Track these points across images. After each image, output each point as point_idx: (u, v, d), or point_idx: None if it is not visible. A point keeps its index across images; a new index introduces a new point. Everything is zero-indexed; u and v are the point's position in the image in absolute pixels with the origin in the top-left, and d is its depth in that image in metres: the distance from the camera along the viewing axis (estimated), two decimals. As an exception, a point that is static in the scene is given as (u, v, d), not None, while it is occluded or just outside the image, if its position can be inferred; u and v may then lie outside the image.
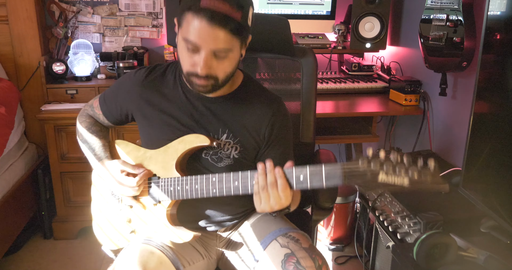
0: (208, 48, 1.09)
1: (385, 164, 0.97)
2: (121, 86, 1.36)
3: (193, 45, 1.09)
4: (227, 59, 1.13)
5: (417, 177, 0.94)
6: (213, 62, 1.12)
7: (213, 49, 1.09)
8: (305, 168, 1.06)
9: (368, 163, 0.98)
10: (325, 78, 2.53)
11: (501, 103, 1.35)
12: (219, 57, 1.12)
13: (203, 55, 1.10)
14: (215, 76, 1.15)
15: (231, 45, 1.11)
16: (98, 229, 1.39)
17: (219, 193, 1.16)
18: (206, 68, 1.11)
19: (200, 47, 1.09)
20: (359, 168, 0.99)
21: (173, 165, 1.23)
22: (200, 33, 1.07)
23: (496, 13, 1.36)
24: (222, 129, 1.26)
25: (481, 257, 1.28)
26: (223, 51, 1.10)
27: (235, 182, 1.13)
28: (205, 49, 1.09)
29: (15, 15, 2.35)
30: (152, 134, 1.31)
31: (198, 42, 1.08)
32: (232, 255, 1.35)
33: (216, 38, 1.08)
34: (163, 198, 1.23)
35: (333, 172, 1.02)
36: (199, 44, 1.09)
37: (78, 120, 1.43)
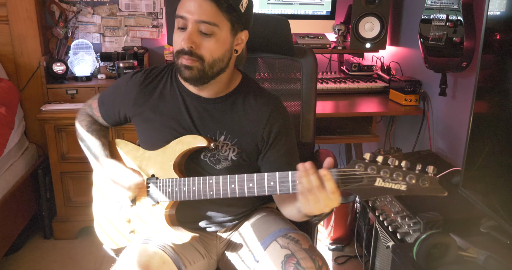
0: (193, 19, 1.11)
1: (382, 169, 0.95)
2: (118, 89, 1.36)
3: (182, 20, 1.12)
4: (213, 38, 1.13)
5: (415, 183, 0.93)
6: (198, 38, 1.13)
7: (198, 20, 1.11)
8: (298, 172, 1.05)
9: (365, 168, 0.96)
10: (325, 78, 2.53)
11: (501, 103, 1.35)
12: (204, 33, 1.13)
13: (188, 29, 1.12)
14: (201, 56, 1.14)
15: (216, 20, 1.12)
16: (99, 228, 1.39)
17: (216, 195, 1.16)
18: (189, 40, 1.12)
19: (187, 20, 1.12)
20: (356, 173, 0.97)
21: (171, 166, 1.23)
22: (188, 4, 1.11)
23: (496, 13, 1.36)
24: (220, 131, 1.26)
25: (481, 257, 1.28)
26: (208, 24, 1.11)
27: (231, 184, 1.13)
28: (190, 22, 1.12)
29: (15, 15, 2.35)
30: (150, 136, 1.31)
31: (185, 13, 1.12)
32: (232, 256, 1.35)
33: (201, 9, 1.10)
34: (162, 199, 1.23)
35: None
36: (185, 16, 1.12)
37: (77, 120, 1.43)
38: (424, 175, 0.93)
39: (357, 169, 0.97)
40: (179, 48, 1.15)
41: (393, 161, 0.95)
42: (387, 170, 0.94)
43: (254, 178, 1.11)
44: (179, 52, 1.15)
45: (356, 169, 0.97)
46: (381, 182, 0.95)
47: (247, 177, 1.12)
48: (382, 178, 0.95)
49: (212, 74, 1.18)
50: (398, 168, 0.95)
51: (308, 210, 1.04)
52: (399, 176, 0.94)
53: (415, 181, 0.93)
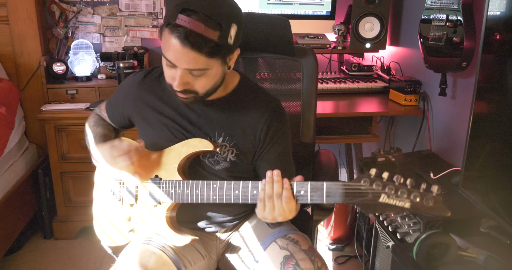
0: (182, 67, 1.09)
1: (388, 185, 0.96)
2: (121, 90, 1.38)
3: (169, 61, 1.10)
4: (204, 77, 1.12)
5: (419, 202, 0.94)
6: (189, 79, 1.12)
7: (187, 69, 1.09)
8: (306, 183, 1.06)
9: (371, 184, 0.98)
10: (325, 78, 2.53)
11: (501, 103, 1.36)
12: (195, 75, 1.11)
13: (178, 72, 1.10)
14: (195, 91, 1.15)
15: (206, 65, 1.09)
16: (98, 226, 1.40)
17: (219, 200, 1.16)
18: (181, 85, 1.12)
19: (175, 65, 1.09)
20: (361, 187, 0.99)
21: (175, 167, 1.23)
22: (174, 52, 1.07)
23: (495, 13, 1.36)
24: (218, 132, 1.26)
25: (480, 257, 1.28)
26: (198, 70, 1.10)
27: (235, 191, 1.14)
28: (179, 68, 1.09)
29: (15, 15, 2.35)
30: (150, 135, 1.31)
31: (174, 60, 1.08)
32: (232, 256, 1.35)
33: (189, 59, 1.07)
34: (164, 200, 1.23)
35: (334, 190, 1.02)
36: (173, 62, 1.09)
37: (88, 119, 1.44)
38: (428, 194, 0.95)
39: (362, 184, 0.99)
40: (171, 84, 1.14)
41: (398, 178, 0.97)
42: (392, 187, 0.96)
43: (258, 185, 1.12)
44: (171, 87, 1.15)
45: (362, 184, 0.99)
46: (386, 199, 0.97)
47: (251, 184, 1.13)
48: (387, 194, 0.97)
49: (208, 96, 1.20)
50: (403, 185, 0.96)
51: (262, 216, 1.11)
52: (404, 194, 0.95)
53: (419, 199, 0.95)
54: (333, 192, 1.02)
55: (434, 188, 0.95)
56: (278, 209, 1.07)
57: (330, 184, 1.03)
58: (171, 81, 1.13)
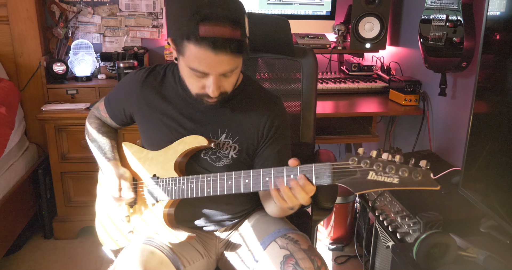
0: (216, 73, 1.10)
1: (375, 162, 0.95)
2: (122, 88, 1.37)
3: (201, 72, 1.11)
4: (234, 75, 1.15)
5: (408, 176, 0.93)
6: (222, 82, 1.14)
7: (222, 73, 1.11)
8: (296, 168, 1.06)
9: (358, 162, 0.97)
10: (325, 78, 2.54)
11: (501, 103, 1.36)
12: (227, 76, 1.14)
13: (212, 79, 1.12)
14: (225, 92, 1.17)
15: (236, 64, 1.12)
16: (100, 227, 1.40)
17: (213, 192, 1.17)
18: (217, 90, 1.13)
19: (209, 74, 1.11)
20: (349, 166, 0.98)
21: (172, 165, 1.24)
22: (207, 61, 1.08)
23: (495, 13, 1.36)
24: (221, 129, 1.27)
25: (480, 257, 1.29)
26: (231, 71, 1.12)
27: (228, 181, 1.14)
28: (213, 75, 1.11)
29: (15, 15, 2.35)
30: (152, 135, 1.32)
31: (206, 70, 1.10)
32: (232, 255, 1.36)
33: (223, 63, 1.09)
34: (161, 198, 1.24)
35: (323, 171, 1.01)
36: (207, 71, 1.10)
37: (87, 121, 1.45)
38: (416, 169, 0.93)
39: (350, 162, 0.98)
40: (203, 92, 1.16)
41: (387, 155, 0.96)
42: (380, 164, 0.95)
43: (250, 174, 1.13)
44: (203, 95, 1.16)
45: (349, 163, 0.98)
46: (374, 176, 0.96)
47: (243, 173, 1.13)
48: (375, 171, 0.96)
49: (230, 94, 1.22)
50: (391, 162, 0.95)
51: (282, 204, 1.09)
52: (391, 170, 0.94)
53: (407, 174, 0.93)
54: (322, 173, 1.01)
55: (422, 162, 0.94)
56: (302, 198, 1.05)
57: (318, 166, 1.03)
58: (201, 90, 1.15)
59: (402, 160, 0.95)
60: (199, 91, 1.16)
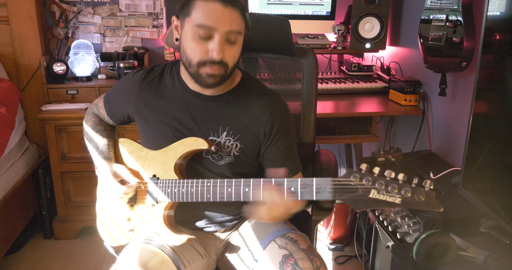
0: (223, 30, 1.11)
1: (378, 180, 0.94)
2: (120, 88, 1.37)
3: (207, 29, 1.11)
4: (236, 45, 1.16)
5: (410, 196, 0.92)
6: (225, 48, 1.14)
7: (228, 31, 1.11)
8: (296, 180, 1.06)
9: (360, 179, 0.96)
10: (325, 78, 2.54)
11: (501, 103, 1.36)
12: (230, 42, 1.14)
13: (217, 39, 1.12)
14: (226, 63, 1.16)
15: (242, 27, 1.14)
16: (101, 225, 1.40)
17: (213, 198, 1.17)
18: (221, 52, 1.13)
19: (216, 30, 1.11)
20: (351, 183, 0.97)
21: (172, 167, 1.24)
22: (216, 15, 1.10)
23: (495, 13, 1.36)
24: (222, 127, 1.27)
25: (480, 257, 1.29)
26: (236, 33, 1.13)
27: (228, 188, 1.15)
28: (220, 32, 1.11)
29: (16, 15, 2.35)
30: (152, 135, 1.31)
31: (214, 24, 1.10)
32: (231, 255, 1.36)
33: (231, 19, 1.11)
34: (161, 199, 1.24)
35: (324, 186, 1.02)
36: (215, 26, 1.10)
37: (84, 119, 1.46)
38: (419, 189, 0.92)
39: (352, 179, 0.97)
40: (205, 58, 1.14)
41: (390, 173, 0.95)
42: (382, 182, 0.94)
43: (250, 183, 1.13)
44: (205, 62, 1.15)
45: (351, 180, 0.97)
46: (376, 194, 0.95)
47: (243, 182, 1.14)
48: (377, 189, 0.95)
49: (229, 76, 1.21)
50: (394, 180, 0.94)
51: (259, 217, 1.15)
52: (394, 189, 0.93)
53: (410, 194, 0.92)
54: (323, 188, 1.01)
55: (426, 182, 0.93)
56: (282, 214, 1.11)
57: (319, 180, 1.03)
58: (204, 56, 1.14)
59: (405, 179, 0.94)
60: (201, 57, 1.14)
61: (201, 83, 1.20)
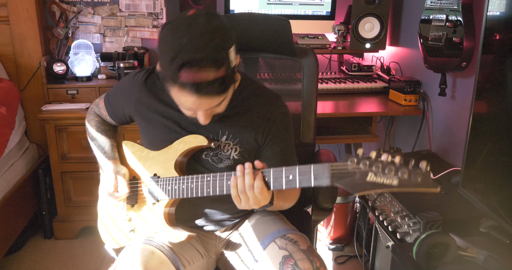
0: (203, 109, 1.11)
1: (375, 164, 0.94)
2: (121, 89, 1.38)
3: (188, 109, 1.12)
4: (224, 102, 1.13)
5: (407, 178, 0.91)
6: (213, 110, 1.14)
7: (208, 109, 1.11)
8: (294, 168, 1.05)
9: (357, 163, 0.96)
10: (325, 78, 2.54)
11: (501, 103, 1.36)
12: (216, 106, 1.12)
13: (200, 113, 1.12)
14: (217, 114, 1.18)
15: (224, 96, 1.10)
16: (102, 227, 1.41)
17: (213, 192, 1.17)
18: (208, 119, 1.15)
19: (197, 109, 1.11)
20: (348, 167, 0.97)
21: (172, 164, 1.24)
22: (191, 104, 1.08)
23: (495, 13, 1.36)
24: (222, 131, 1.27)
25: (480, 257, 1.29)
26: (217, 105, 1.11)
27: (227, 181, 1.14)
28: (201, 111, 1.12)
29: (16, 15, 2.36)
30: (152, 136, 1.32)
31: (192, 110, 1.11)
32: (231, 255, 1.36)
33: (209, 102, 1.08)
34: (162, 197, 1.25)
35: (321, 172, 1.01)
36: (195, 109, 1.11)
37: (86, 119, 1.46)
38: (416, 170, 0.92)
39: (349, 163, 0.97)
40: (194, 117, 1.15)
41: (387, 157, 0.95)
42: (379, 165, 0.94)
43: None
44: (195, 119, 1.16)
45: (348, 164, 0.97)
46: (373, 177, 0.94)
47: None
48: (374, 172, 0.94)
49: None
50: (390, 163, 0.94)
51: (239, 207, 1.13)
52: (391, 171, 0.93)
53: (407, 176, 0.92)
54: (320, 174, 1.01)
55: (422, 163, 0.92)
56: (253, 199, 1.09)
57: (317, 166, 1.02)
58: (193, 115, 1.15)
59: (401, 161, 0.94)
60: (191, 115, 1.16)
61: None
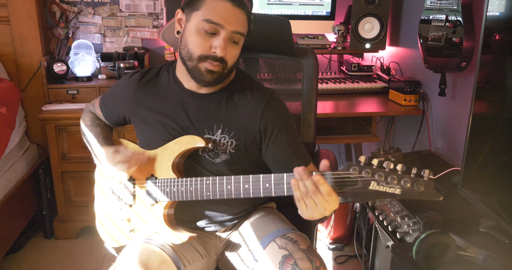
0: (230, 29, 1.14)
1: (377, 172, 0.94)
2: (117, 90, 1.39)
3: (214, 26, 1.14)
4: (238, 46, 1.20)
5: (410, 187, 0.92)
6: (228, 46, 1.17)
7: (234, 31, 1.15)
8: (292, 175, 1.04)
9: (360, 172, 0.95)
10: (325, 78, 2.54)
11: (500, 103, 1.36)
12: (234, 41, 1.17)
13: (222, 36, 1.15)
14: (226, 61, 1.18)
15: (245, 30, 1.19)
16: (101, 227, 1.41)
17: (213, 196, 1.17)
18: (225, 50, 1.15)
19: (222, 28, 1.14)
20: (350, 176, 0.97)
21: (170, 166, 1.24)
22: (225, 13, 1.13)
23: (495, 13, 1.36)
24: (217, 125, 1.27)
25: (480, 257, 1.29)
26: (240, 34, 1.17)
27: (227, 185, 1.15)
28: (226, 30, 1.14)
29: (16, 15, 2.36)
30: (149, 135, 1.32)
31: (222, 22, 1.13)
32: (231, 255, 1.36)
33: (238, 20, 1.15)
34: (160, 198, 1.24)
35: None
36: (223, 24, 1.13)
37: (82, 116, 1.46)
38: (419, 179, 0.92)
39: (351, 172, 0.97)
40: (207, 53, 1.16)
41: (388, 165, 0.94)
42: (381, 174, 0.94)
43: (250, 179, 1.13)
44: (206, 57, 1.16)
45: (351, 172, 0.97)
46: (376, 186, 0.95)
47: (243, 179, 1.13)
48: (376, 181, 0.95)
49: (227, 76, 1.23)
50: (393, 171, 0.94)
51: (308, 215, 1.04)
52: (393, 180, 0.93)
53: (410, 185, 0.92)
54: None
55: (425, 172, 0.92)
56: (321, 204, 1.00)
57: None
58: (207, 51, 1.16)
59: (404, 169, 0.93)
60: (204, 51, 1.16)
61: (198, 79, 1.20)
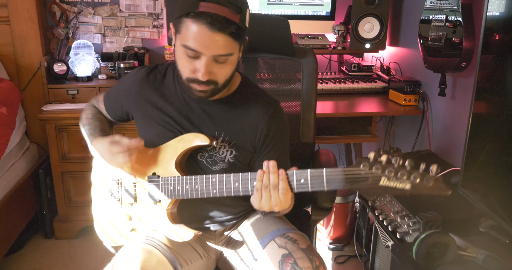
0: (209, 54, 1.08)
1: (387, 168, 0.96)
2: (123, 84, 1.38)
3: (193, 51, 1.09)
4: (227, 64, 1.13)
5: (419, 182, 0.94)
6: (214, 67, 1.11)
7: (214, 55, 1.09)
8: (306, 172, 1.06)
9: (370, 168, 0.97)
10: (325, 78, 2.54)
11: (500, 103, 1.36)
12: (220, 62, 1.11)
13: (203, 61, 1.09)
14: (216, 81, 1.15)
15: (231, 50, 1.10)
16: (99, 227, 1.40)
17: (219, 194, 1.16)
18: (207, 74, 1.11)
19: (201, 54, 1.09)
20: (361, 172, 0.98)
21: (173, 164, 1.23)
22: (201, 39, 1.06)
23: (495, 13, 1.36)
24: (218, 133, 1.26)
25: (480, 257, 1.29)
26: (224, 56, 1.10)
27: (235, 183, 1.14)
28: (206, 56, 1.09)
29: (16, 15, 2.36)
30: (149, 132, 1.31)
31: (199, 48, 1.08)
32: (231, 254, 1.36)
33: (217, 44, 1.07)
34: (163, 197, 1.23)
35: (334, 177, 1.02)
36: (200, 50, 1.08)
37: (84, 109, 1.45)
38: (428, 174, 0.94)
39: (362, 168, 0.98)
40: (193, 76, 1.13)
41: (397, 160, 0.96)
42: (392, 169, 0.96)
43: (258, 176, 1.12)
44: (193, 80, 1.14)
45: (361, 169, 0.98)
46: (386, 181, 0.96)
47: (251, 176, 1.13)
48: (387, 177, 0.96)
49: (223, 89, 1.20)
50: (402, 167, 0.96)
51: (258, 206, 1.12)
52: (404, 175, 0.95)
53: (419, 180, 0.94)
54: (333, 179, 1.02)
55: (433, 167, 0.94)
56: (275, 199, 1.08)
57: (329, 171, 1.03)
58: (192, 74, 1.13)
59: (412, 165, 0.95)
60: (190, 74, 1.13)
61: (192, 96, 1.20)
